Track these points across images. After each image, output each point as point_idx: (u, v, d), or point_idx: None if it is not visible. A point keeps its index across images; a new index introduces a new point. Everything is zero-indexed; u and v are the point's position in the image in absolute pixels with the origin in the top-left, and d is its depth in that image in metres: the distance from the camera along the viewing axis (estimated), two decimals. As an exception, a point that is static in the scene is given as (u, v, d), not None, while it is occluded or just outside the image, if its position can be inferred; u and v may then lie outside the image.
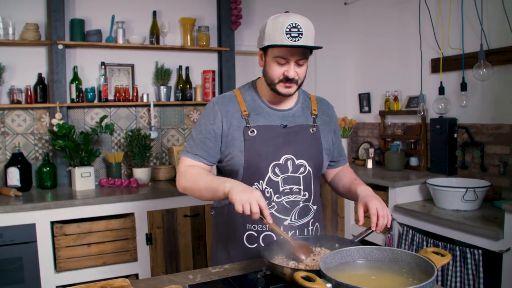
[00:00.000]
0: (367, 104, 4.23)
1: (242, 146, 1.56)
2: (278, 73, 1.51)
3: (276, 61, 1.50)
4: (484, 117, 3.11)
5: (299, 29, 1.43)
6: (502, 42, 2.94)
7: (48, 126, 3.25)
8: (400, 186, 3.11)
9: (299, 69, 1.52)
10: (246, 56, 4.09)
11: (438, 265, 1.11)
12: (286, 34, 1.43)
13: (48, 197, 2.86)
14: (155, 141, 3.61)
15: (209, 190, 1.47)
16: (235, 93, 1.66)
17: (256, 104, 1.63)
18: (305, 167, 1.60)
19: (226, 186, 1.40)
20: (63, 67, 3.19)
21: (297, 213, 1.61)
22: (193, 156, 1.60)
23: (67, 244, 2.74)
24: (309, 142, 1.62)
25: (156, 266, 2.98)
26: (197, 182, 1.52)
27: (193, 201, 3.07)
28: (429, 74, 3.53)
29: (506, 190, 2.97)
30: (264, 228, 1.60)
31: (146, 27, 3.54)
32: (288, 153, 1.58)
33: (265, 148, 1.56)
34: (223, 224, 1.70)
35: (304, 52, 1.49)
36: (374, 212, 1.46)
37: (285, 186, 1.58)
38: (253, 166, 1.55)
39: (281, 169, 1.57)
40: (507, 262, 2.39)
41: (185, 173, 1.58)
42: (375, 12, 4.12)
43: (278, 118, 1.62)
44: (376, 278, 1.13)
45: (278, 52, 1.48)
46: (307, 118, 1.66)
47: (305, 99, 1.72)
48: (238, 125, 1.58)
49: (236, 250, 1.64)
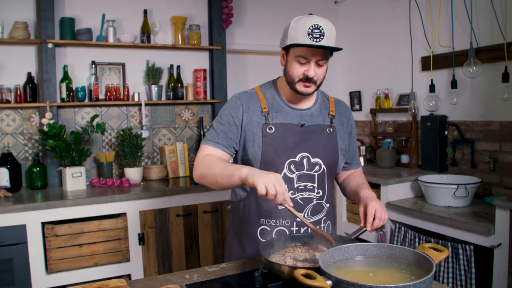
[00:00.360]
0: (358, 102, 4.25)
1: (260, 142, 1.60)
2: (299, 72, 1.55)
3: (297, 61, 1.54)
4: (474, 114, 3.14)
5: (321, 31, 1.47)
6: (491, 40, 2.98)
7: (38, 126, 3.21)
8: (392, 183, 3.13)
9: (318, 70, 1.56)
10: (237, 55, 4.08)
11: (436, 261, 1.11)
12: (308, 34, 1.47)
13: (38, 197, 2.83)
14: (147, 140, 3.59)
15: (225, 176, 1.47)
16: (256, 90, 1.71)
17: (275, 102, 1.67)
18: (320, 165, 1.64)
19: (243, 171, 1.40)
20: (53, 66, 3.15)
21: (310, 210, 1.65)
22: (215, 144, 1.63)
23: (58, 245, 2.71)
24: (325, 141, 1.66)
25: (148, 266, 2.96)
26: (213, 167, 1.52)
27: (186, 201, 3.07)
28: (420, 72, 3.56)
29: (496, 186, 3.00)
30: (278, 223, 1.62)
31: (137, 26, 3.52)
32: (304, 151, 1.62)
33: (281, 145, 1.60)
34: (238, 219, 1.73)
35: (324, 53, 1.53)
36: (372, 213, 1.49)
37: (300, 183, 1.61)
38: (269, 162, 1.59)
39: (297, 166, 1.61)
40: (498, 257, 2.41)
41: (203, 160, 1.60)
42: (365, 11, 4.14)
43: (296, 117, 1.66)
44: (375, 275, 1.13)
45: (300, 51, 1.52)
46: (325, 118, 1.70)
47: (324, 100, 1.76)
48: (257, 121, 1.63)
49: (250, 244, 1.67)
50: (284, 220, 1.62)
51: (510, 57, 2.81)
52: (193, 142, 3.79)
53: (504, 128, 2.93)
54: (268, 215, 1.62)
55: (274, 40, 4.11)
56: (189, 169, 3.63)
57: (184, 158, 3.57)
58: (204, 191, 3.12)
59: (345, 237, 1.49)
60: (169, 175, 3.52)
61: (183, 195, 3.06)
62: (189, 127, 3.79)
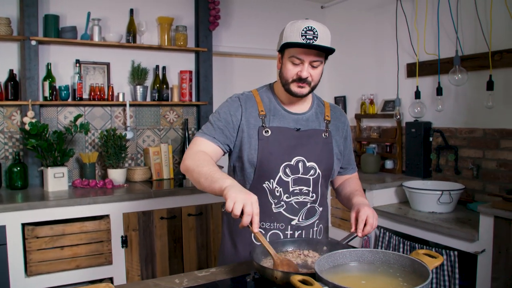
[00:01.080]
0: (343, 107, 4.27)
1: (256, 145, 1.60)
2: (292, 72, 1.57)
3: (291, 61, 1.55)
4: (458, 121, 3.19)
5: (315, 32, 1.50)
6: (476, 49, 3.03)
7: (19, 124, 3.13)
8: (376, 188, 3.15)
9: (313, 71, 1.57)
10: (223, 57, 4.06)
11: (431, 267, 1.11)
12: (301, 36, 1.49)
13: (18, 198, 2.75)
14: (130, 141, 3.54)
15: (208, 179, 1.43)
16: (253, 93, 1.71)
17: (272, 106, 1.68)
18: (315, 169, 1.64)
19: (226, 182, 1.37)
20: (36, 64, 3.07)
21: (304, 213, 1.65)
22: (211, 138, 1.61)
23: (39, 247, 2.64)
24: (321, 146, 1.67)
25: (131, 270, 2.91)
26: (201, 166, 1.48)
27: (170, 203, 3.03)
28: (405, 78, 3.60)
29: (479, 192, 3.05)
30: (272, 226, 1.62)
31: (123, 25, 3.47)
32: (299, 155, 1.62)
33: (277, 149, 1.60)
34: (232, 221, 1.71)
35: (318, 54, 1.54)
36: (363, 219, 1.50)
37: (295, 187, 1.61)
38: (265, 165, 1.59)
39: (292, 170, 1.61)
40: (482, 263, 2.44)
41: (195, 155, 1.55)
42: (351, 16, 4.17)
43: (292, 121, 1.66)
44: (370, 281, 1.13)
45: (293, 52, 1.54)
46: (320, 123, 1.71)
47: (319, 105, 1.77)
48: (254, 123, 1.63)
49: (244, 246, 1.66)
50: (278, 224, 1.62)
51: (495, 66, 2.86)
52: (177, 144, 3.75)
53: (488, 135, 2.98)
54: (262, 218, 1.60)
55: (260, 43, 4.14)
56: (173, 171, 3.58)
57: (168, 160, 3.53)
58: (189, 194, 3.08)
59: (335, 241, 1.49)
60: (153, 177, 3.47)
61: (168, 197, 3.02)
62: (173, 128, 3.74)
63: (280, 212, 1.61)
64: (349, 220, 1.58)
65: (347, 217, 3.40)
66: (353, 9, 4.14)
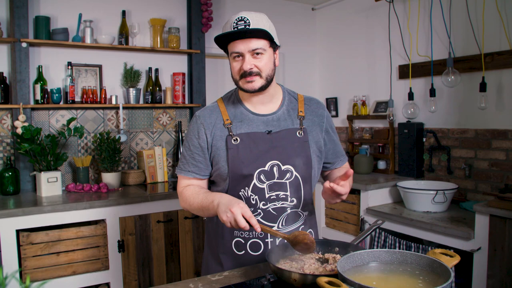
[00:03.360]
0: (334, 108, 4.30)
1: (225, 156, 1.56)
2: (236, 69, 1.53)
3: (233, 58, 1.52)
4: (450, 122, 3.24)
5: (246, 21, 1.46)
6: (467, 51, 3.09)
7: (10, 128, 3.07)
8: (371, 189, 3.18)
9: (257, 61, 1.50)
10: (216, 59, 4.05)
11: (449, 266, 1.13)
12: (233, 28, 1.47)
13: (11, 203, 2.69)
14: (124, 144, 3.50)
15: (204, 211, 1.53)
16: (218, 103, 1.66)
17: (238, 112, 1.61)
18: (292, 172, 1.57)
19: (214, 205, 1.45)
20: (27, 66, 3.01)
21: (284, 219, 1.59)
22: (186, 173, 1.64)
23: (34, 253, 2.59)
24: (296, 146, 1.58)
25: (128, 274, 2.88)
26: (192, 203, 1.57)
27: (166, 207, 3.00)
28: (397, 79, 3.64)
29: (471, 192, 3.11)
30: (251, 235, 1.59)
31: (115, 27, 3.43)
32: (273, 159, 1.55)
33: (248, 155, 1.54)
34: (212, 231, 1.70)
35: (256, 43, 1.48)
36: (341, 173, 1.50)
37: (271, 193, 1.56)
38: (238, 174, 1.54)
39: (267, 175, 1.55)
40: (477, 261, 2.49)
41: (181, 195, 1.64)
42: (342, 18, 4.21)
43: (262, 124, 1.59)
44: (391, 281, 1.14)
45: (231, 48, 1.51)
46: (293, 121, 1.62)
47: (291, 101, 1.67)
48: (221, 135, 1.58)
49: (226, 257, 1.63)
50: (257, 232, 1.57)
51: (486, 68, 2.92)
52: (171, 146, 3.73)
53: (479, 135, 3.04)
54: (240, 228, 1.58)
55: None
56: (167, 174, 3.56)
57: (162, 163, 3.50)
58: (185, 197, 3.06)
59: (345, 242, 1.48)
60: (147, 180, 3.44)
61: (164, 200, 3.00)
62: (167, 131, 3.72)
63: (258, 220, 1.54)
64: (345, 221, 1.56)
65: (342, 218, 3.43)
66: (345, 11, 4.18)
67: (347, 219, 3.39)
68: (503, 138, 2.91)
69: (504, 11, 2.85)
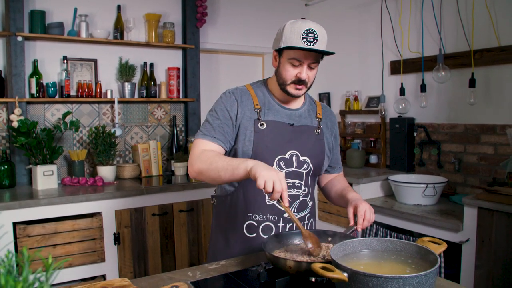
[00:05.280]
0: (327, 103, 4.35)
1: (252, 137, 1.62)
2: (291, 74, 1.60)
3: (291, 63, 1.58)
4: (440, 117, 3.31)
5: (315, 35, 1.53)
6: (457, 47, 3.15)
7: (5, 122, 3.09)
8: (364, 182, 3.24)
9: (310, 72, 1.61)
10: (210, 54, 4.08)
11: (437, 252, 1.19)
12: (302, 38, 1.53)
13: (7, 196, 2.71)
14: (119, 138, 3.52)
15: (228, 169, 1.44)
16: (247, 87, 1.73)
17: (266, 100, 1.70)
18: (308, 164, 1.69)
19: (249, 163, 1.40)
20: (22, 60, 3.03)
21: (296, 206, 1.69)
22: (212, 139, 1.61)
23: (31, 246, 2.62)
24: (313, 141, 1.71)
25: (124, 266, 2.91)
26: (214, 162, 1.49)
27: (161, 200, 3.04)
28: (389, 75, 3.70)
29: (461, 185, 3.18)
30: (265, 218, 1.65)
31: (110, 22, 3.45)
32: (293, 149, 1.66)
33: (272, 142, 1.63)
34: (224, 213, 1.73)
35: (316, 56, 1.59)
36: (362, 214, 1.55)
37: (289, 180, 1.65)
38: (260, 157, 1.59)
39: (286, 163, 1.65)
40: (466, 252, 2.56)
41: (201, 155, 1.55)
42: (336, 14, 4.25)
43: (286, 116, 1.70)
44: (383, 267, 1.19)
45: (294, 54, 1.57)
46: (312, 120, 1.76)
47: (311, 103, 1.82)
48: (250, 116, 1.65)
49: (236, 239, 1.68)
50: (271, 216, 1.65)
51: (476, 64, 2.99)
52: (165, 140, 3.76)
53: (469, 130, 3.11)
54: (255, 210, 1.64)
55: (246, 40, 4.18)
56: (162, 167, 3.59)
57: (157, 157, 3.54)
58: (180, 190, 3.10)
59: (339, 233, 1.54)
60: (142, 173, 3.47)
61: (159, 194, 3.04)
62: (161, 125, 3.75)
63: (273, 204, 1.64)
64: (338, 214, 1.63)
65: (335, 211, 3.49)
66: (337, 7, 4.23)
67: (340, 212, 3.45)
68: (491, 133, 2.98)
69: (493, 9, 2.91)
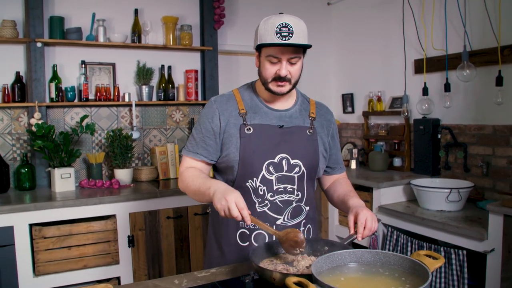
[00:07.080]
0: (350, 104, 4.23)
1: (238, 143, 1.58)
2: (271, 72, 1.54)
3: (269, 60, 1.53)
4: (466, 117, 3.14)
5: (289, 29, 1.46)
6: (484, 44, 2.97)
7: (26, 126, 3.16)
8: (384, 187, 3.11)
9: (291, 68, 1.53)
10: (229, 56, 4.05)
11: (431, 269, 1.09)
12: (276, 34, 1.46)
13: (26, 198, 2.77)
14: (137, 141, 3.55)
15: (199, 195, 1.53)
16: (233, 92, 1.69)
17: (254, 103, 1.65)
18: (300, 167, 1.61)
19: (210, 192, 1.44)
20: (42, 66, 3.09)
21: (289, 213, 1.62)
22: (194, 154, 1.63)
23: (46, 247, 2.66)
24: (305, 143, 1.63)
25: (138, 269, 2.92)
26: (189, 185, 1.57)
27: (176, 203, 3.03)
28: (412, 75, 3.55)
29: (489, 190, 2.99)
30: (256, 227, 1.60)
31: (127, 26, 3.47)
32: (283, 152, 1.59)
33: (260, 146, 1.58)
34: (217, 222, 1.71)
35: (295, 50, 1.50)
36: (362, 222, 1.46)
37: (279, 185, 1.59)
38: (248, 163, 1.56)
39: (276, 167, 1.58)
40: (491, 263, 2.40)
41: (182, 174, 1.63)
42: (358, 13, 4.13)
43: (275, 118, 1.64)
44: (369, 283, 1.11)
45: (270, 51, 1.51)
46: (305, 119, 1.68)
47: (304, 102, 1.74)
48: (235, 122, 1.61)
49: (229, 248, 1.65)
50: None
51: (504, 61, 2.81)
52: (183, 143, 3.75)
53: (497, 132, 2.93)
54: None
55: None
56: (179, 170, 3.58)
57: (175, 160, 3.53)
58: (195, 193, 3.08)
59: (337, 242, 1.46)
60: (159, 176, 3.48)
61: (174, 197, 3.02)
62: (180, 128, 3.75)
63: (265, 211, 1.58)
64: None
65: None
66: (359, 6, 4.10)
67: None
68: (522, 135, 2.79)
69: (522, 1, 2.73)
